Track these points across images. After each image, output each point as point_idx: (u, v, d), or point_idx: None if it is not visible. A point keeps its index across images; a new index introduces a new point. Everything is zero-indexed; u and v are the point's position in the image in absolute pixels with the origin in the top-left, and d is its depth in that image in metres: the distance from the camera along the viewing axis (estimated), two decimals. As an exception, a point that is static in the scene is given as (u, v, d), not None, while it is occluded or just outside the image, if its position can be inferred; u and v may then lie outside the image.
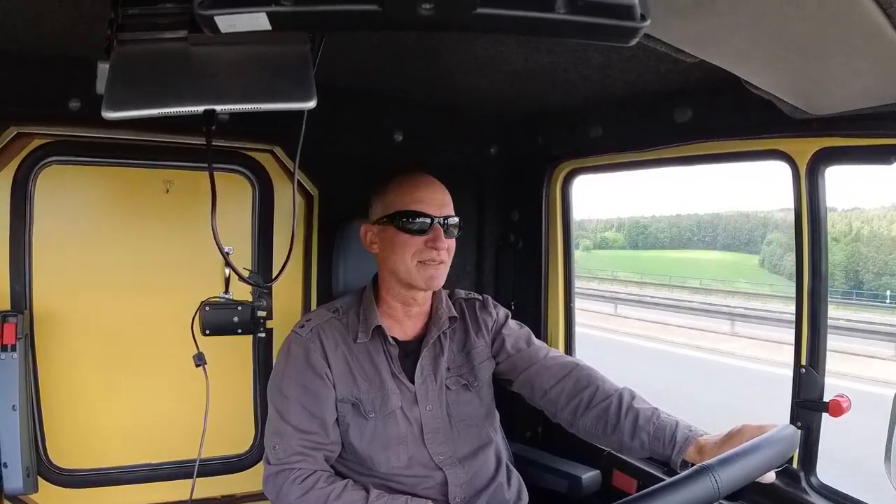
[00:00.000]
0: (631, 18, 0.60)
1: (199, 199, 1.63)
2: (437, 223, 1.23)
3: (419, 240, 1.23)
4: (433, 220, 1.23)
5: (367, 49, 1.28)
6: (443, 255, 1.24)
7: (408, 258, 1.23)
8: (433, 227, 1.23)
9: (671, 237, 46.06)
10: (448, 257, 1.26)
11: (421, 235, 1.23)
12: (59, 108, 1.35)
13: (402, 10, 0.58)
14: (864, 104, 1.06)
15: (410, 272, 1.24)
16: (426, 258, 1.23)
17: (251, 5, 0.58)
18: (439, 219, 1.23)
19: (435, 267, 1.24)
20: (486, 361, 1.37)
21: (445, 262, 1.26)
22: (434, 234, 1.22)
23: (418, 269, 1.23)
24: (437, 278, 1.25)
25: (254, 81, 0.76)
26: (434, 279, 1.24)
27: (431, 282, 1.24)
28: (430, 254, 1.22)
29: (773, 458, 0.92)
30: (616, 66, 1.27)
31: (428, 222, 1.23)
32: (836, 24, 0.79)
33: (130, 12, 0.72)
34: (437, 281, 1.25)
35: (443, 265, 1.25)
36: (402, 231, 1.23)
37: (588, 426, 1.25)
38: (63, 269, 1.55)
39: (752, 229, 33.40)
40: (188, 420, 1.52)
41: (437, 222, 1.23)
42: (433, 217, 1.23)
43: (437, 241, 1.22)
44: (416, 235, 1.23)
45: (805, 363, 1.26)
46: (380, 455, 1.24)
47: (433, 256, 1.23)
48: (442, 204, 1.25)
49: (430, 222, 1.23)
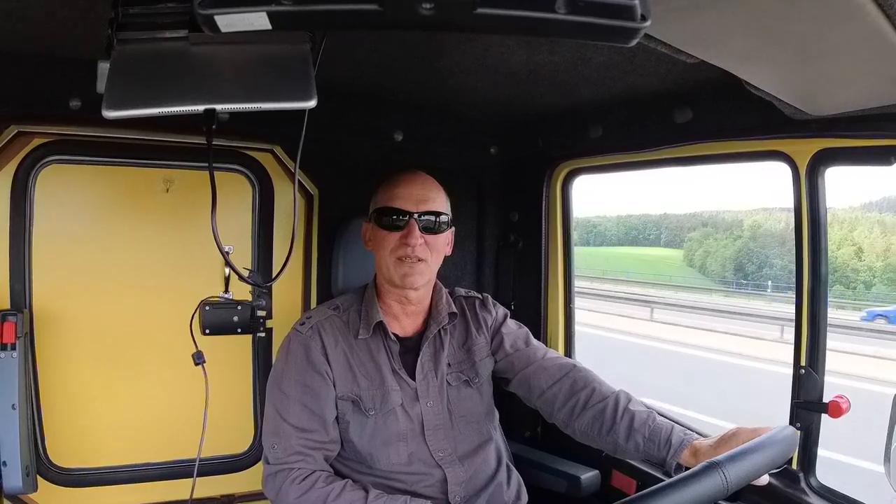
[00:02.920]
0: (631, 19, 0.60)
1: (199, 198, 1.63)
2: (412, 219, 1.22)
3: (395, 236, 1.22)
4: (409, 216, 1.22)
5: (368, 49, 1.28)
6: (418, 252, 1.22)
7: (386, 255, 1.23)
8: (408, 223, 1.22)
9: (618, 235, 47.43)
10: (427, 254, 1.24)
11: (397, 232, 1.22)
12: (60, 108, 1.35)
13: (402, 10, 0.58)
14: (864, 105, 1.06)
15: (389, 269, 1.24)
16: (401, 255, 1.22)
17: (251, 5, 0.58)
18: (416, 214, 1.22)
19: (410, 265, 1.22)
20: (487, 358, 1.37)
21: (425, 260, 1.23)
22: (407, 230, 1.21)
23: (395, 267, 1.23)
24: (413, 276, 1.23)
25: (254, 81, 0.76)
26: (409, 276, 1.23)
27: (406, 279, 1.23)
28: (405, 250, 1.22)
29: (776, 457, 0.92)
30: (616, 67, 1.27)
31: (403, 219, 1.22)
32: (837, 25, 0.79)
33: (131, 11, 0.72)
34: (413, 279, 1.23)
35: (420, 263, 1.23)
36: (381, 228, 1.24)
37: (584, 427, 1.25)
38: (63, 268, 1.55)
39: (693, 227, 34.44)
40: (188, 419, 1.52)
41: (413, 217, 1.22)
42: (409, 213, 1.22)
43: (408, 237, 1.21)
44: (392, 232, 1.23)
45: (805, 364, 1.26)
46: (380, 452, 1.24)
47: (407, 253, 1.22)
48: (421, 199, 1.24)
49: (405, 218, 1.22)
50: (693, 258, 25.80)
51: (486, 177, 1.92)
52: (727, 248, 23.08)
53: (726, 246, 23.40)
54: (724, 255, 22.30)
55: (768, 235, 21.73)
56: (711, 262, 23.24)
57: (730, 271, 22.94)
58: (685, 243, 28.46)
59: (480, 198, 1.93)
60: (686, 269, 24.31)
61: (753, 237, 22.55)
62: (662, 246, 34.44)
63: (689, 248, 26.92)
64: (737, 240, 23.57)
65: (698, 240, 25.88)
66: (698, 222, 30.16)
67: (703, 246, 24.55)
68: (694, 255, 25.98)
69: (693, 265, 24.36)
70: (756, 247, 22.42)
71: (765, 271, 21.09)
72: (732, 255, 23.32)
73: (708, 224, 27.07)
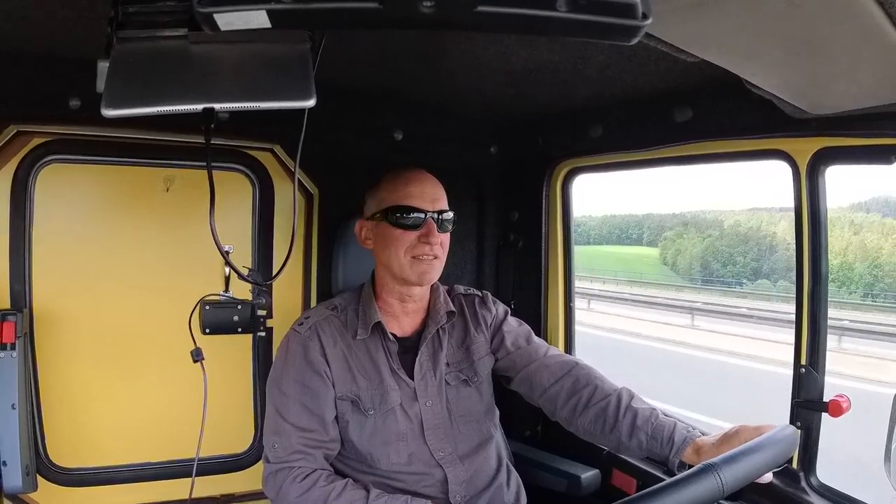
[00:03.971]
0: (632, 17, 0.60)
1: (199, 197, 1.62)
2: (429, 218, 1.23)
3: (412, 235, 1.23)
4: (426, 214, 1.23)
5: (368, 48, 1.28)
6: (436, 250, 1.23)
7: (401, 253, 1.23)
8: (426, 222, 1.23)
9: (601, 234, 48.20)
10: (441, 252, 1.25)
11: (414, 230, 1.23)
12: (59, 107, 1.35)
13: (402, 9, 0.58)
14: (864, 104, 1.06)
15: (403, 267, 1.24)
16: (419, 253, 1.22)
17: (251, 3, 0.58)
18: (432, 213, 1.23)
19: (428, 262, 1.23)
20: (486, 357, 1.37)
21: (439, 257, 1.25)
22: (427, 229, 1.22)
23: (411, 265, 1.23)
24: (430, 273, 1.25)
25: (253, 80, 0.76)
26: (427, 274, 1.24)
27: (424, 276, 1.24)
28: (423, 248, 1.22)
29: (775, 457, 0.92)
30: (616, 66, 1.27)
31: (421, 217, 1.23)
32: (837, 25, 0.79)
33: (130, 10, 0.72)
34: (430, 276, 1.25)
35: (436, 260, 1.25)
36: (395, 226, 1.23)
37: (586, 425, 1.25)
38: (63, 267, 1.55)
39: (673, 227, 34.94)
40: (188, 419, 1.52)
41: (430, 217, 1.23)
42: (426, 212, 1.23)
43: (429, 236, 1.22)
44: (408, 230, 1.23)
45: (805, 363, 1.26)
46: (380, 452, 1.24)
47: (426, 251, 1.22)
48: (434, 198, 1.25)
49: (423, 217, 1.23)
50: (666, 256, 26.30)
51: (486, 176, 1.92)
52: (695, 247, 23.82)
53: (695, 244, 24.08)
54: (692, 253, 22.96)
55: (734, 235, 22.20)
56: (681, 260, 23.85)
57: (696, 269, 23.65)
58: (660, 242, 29.00)
59: (480, 197, 1.93)
60: (661, 266, 24.83)
61: (721, 236, 23.05)
62: (645, 245, 35.06)
63: (663, 246, 27.37)
64: (705, 239, 24.06)
65: (672, 239, 26.32)
66: (679, 222, 30.54)
67: (675, 244, 25.05)
68: (667, 254, 26.47)
69: (667, 263, 24.90)
70: (722, 245, 22.93)
71: (729, 268, 21.72)
72: (699, 253, 24.02)
73: (689, 224, 27.45)
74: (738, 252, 21.71)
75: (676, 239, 24.99)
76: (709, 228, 22.38)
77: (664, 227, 34.39)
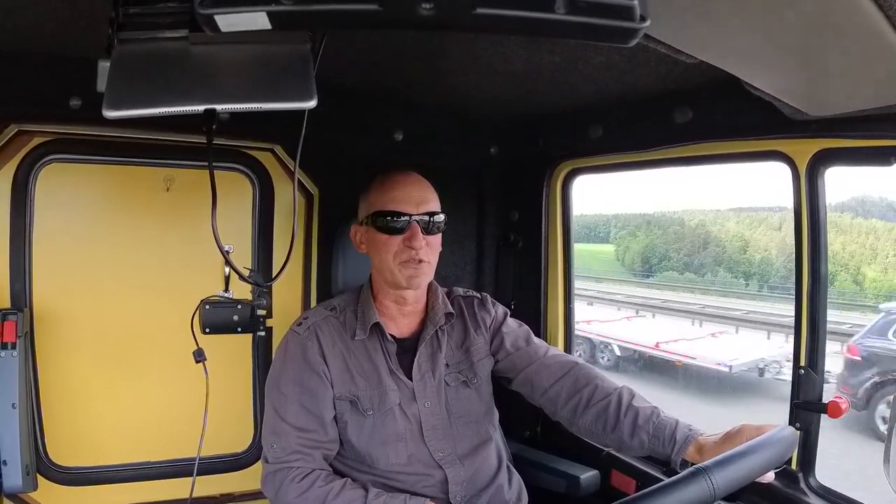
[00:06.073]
0: (630, 19, 0.60)
1: (199, 197, 1.63)
2: (414, 221, 1.22)
3: (397, 239, 1.22)
4: (410, 218, 1.22)
5: (368, 49, 1.28)
6: (422, 254, 1.22)
7: (389, 258, 1.22)
8: (410, 226, 1.22)
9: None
10: (430, 255, 1.24)
11: (399, 235, 1.22)
12: (60, 107, 1.35)
13: (402, 10, 0.58)
14: (863, 105, 1.06)
15: (393, 272, 1.23)
16: (405, 258, 1.22)
17: (251, 4, 0.59)
18: (417, 216, 1.22)
19: (415, 266, 1.22)
20: (485, 358, 1.37)
21: (427, 261, 1.24)
22: (411, 233, 1.21)
23: (400, 269, 1.22)
24: (418, 277, 1.23)
25: (254, 81, 0.76)
26: (415, 278, 1.23)
27: (412, 281, 1.23)
28: (409, 253, 1.21)
29: (772, 459, 0.92)
30: (616, 67, 1.27)
31: (405, 221, 1.22)
32: (836, 26, 0.79)
33: (131, 11, 0.72)
34: (419, 280, 1.24)
35: (424, 264, 1.23)
36: (381, 231, 1.23)
37: (588, 424, 1.25)
38: (63, 267, 1.55)
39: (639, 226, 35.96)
40: (188, 418, 1.52)
41: (415, 220, 1.22)
42: (410, 215, 1.22)
43: (412, 240, 1.21)
44: (394, 235, 1.22)
45: (804, 364, 1.26)
46: (379, 452, 1.24)
47: (412, 255, 1.21)
48: (420, 201, 1.23)
49: (407, 220, 1.22)
50: (618, 253, 27.27)
51: (485, 176, 1.92)
52: (639, 244, 24.94)
53: (639, 242, 25.12)
54: (635, 250, 23.95)
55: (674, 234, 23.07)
56: (627, 257, 24.98)
57: (637, 264, 24.67)
58: (614, 240, 30.08)
59: (480, 197, 1.93)
60: (614, 262, 25.82)
61: (664, 234, 23.89)
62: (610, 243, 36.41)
63: (617, 244, 28.41)
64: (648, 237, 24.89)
65: (623, 237, 27.30)
66: (643, 221, 31.27)
67: (625, 242, 26.04)
68: (619, 250, 27.45)
69: (619, 259, 25.86)
70: (661, 243, 23.72)
71: (663, 263, 22.85)
72: (640, 250, 25.03)
73: (651, 223, 28.22)
74: (673, 249, 22.68)
75: (628, 237, 26.11)
76: (671, 226, 23.18)
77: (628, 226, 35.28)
